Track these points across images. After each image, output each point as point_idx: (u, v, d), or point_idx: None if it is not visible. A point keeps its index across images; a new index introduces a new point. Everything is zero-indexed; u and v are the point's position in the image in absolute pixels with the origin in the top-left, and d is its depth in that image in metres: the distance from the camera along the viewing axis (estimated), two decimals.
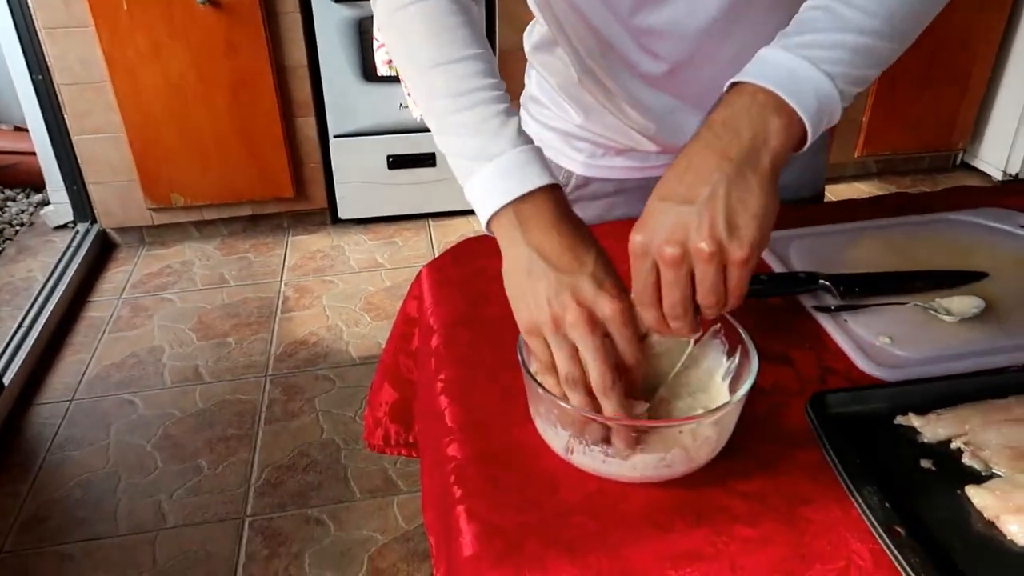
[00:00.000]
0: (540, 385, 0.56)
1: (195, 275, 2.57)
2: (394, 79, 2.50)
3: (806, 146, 0.56)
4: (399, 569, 1.52)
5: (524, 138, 0.61)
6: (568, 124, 0.92)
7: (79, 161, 2.57)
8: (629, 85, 0.83)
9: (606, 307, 0.55)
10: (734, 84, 0.57)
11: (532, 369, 0.58)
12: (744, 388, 0.55)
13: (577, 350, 0.55)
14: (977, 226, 0.89)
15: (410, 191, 2.74)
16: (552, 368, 0.56)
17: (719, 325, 0.63)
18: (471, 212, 2.85)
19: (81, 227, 2.71)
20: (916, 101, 2.86)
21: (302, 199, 2.73)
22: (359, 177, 2.71)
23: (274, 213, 2.77)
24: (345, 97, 2.58)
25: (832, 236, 0.88)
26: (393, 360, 0.92)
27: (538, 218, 0.58)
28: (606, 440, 0.55)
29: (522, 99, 1.00)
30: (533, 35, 0.91)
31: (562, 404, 0.55)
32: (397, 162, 2.69)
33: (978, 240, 0.86)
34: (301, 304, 2.39)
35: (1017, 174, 2.87)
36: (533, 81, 0.96)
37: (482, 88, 0.62)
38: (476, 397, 0.67)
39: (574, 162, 0.94)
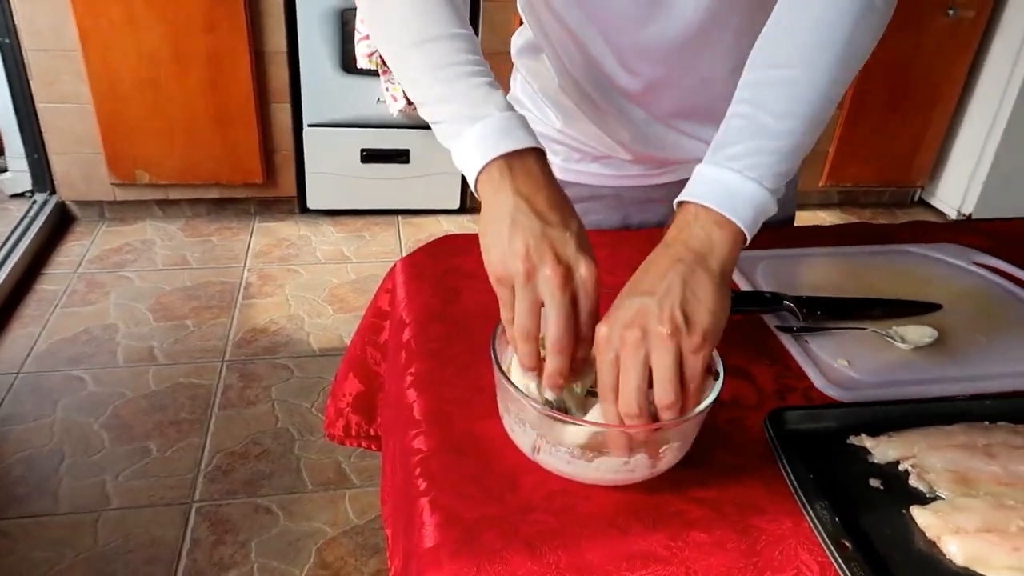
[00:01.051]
0: (511, 383, 0.57)
1: (156, 255, 2.52)
2: (373, 72, 2.49)
3: (747, 244, 0.61)
4: (347, 563, 1.51)
5: (511, 106, 0.63)
6: (547, 128, 0.93)
7: (42, 130, 2.51)
8: (608, 96, 0.86)
9: (583, 268, 0.56)
10: (681, 203, 0.62)
11: (504, 366, 0.59)
12: (709, 400, 0.57)
13: (540, 306, 0.56)
14: (935, 260, 0.93)
15: (382, 186, 2.73)
16: (511, 320, 0.57)
17: None
18: (442, 211, 2.87)
19: (39, 197, 2.65)
20: (880, 137, 2.94)
21: (271, 186, 2.70)
22: (331, 168, 2.70)
23: (242, 198, 2.74)
24: (322, 87, 2.56)
25: (798, 260, 0.91)
26: (360, 352, 0.92)
27: (527, 173, 0.60)
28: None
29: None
30: (520, 40, 0.93)
31: (532, 405, 0.56)
32: (371, 156, 2.68)
33: (935, 274, 0.90)
34: (264, 292, 2.36)
35: (971, 214, 2.97)
36: (517, 84, 0.97)
37: (468, 63, 0.64)
38: (445, 391, 0.68)
39: (551, 165, 0.95)
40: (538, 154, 0.61)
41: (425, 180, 2.75)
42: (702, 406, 0.57)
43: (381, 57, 2.41)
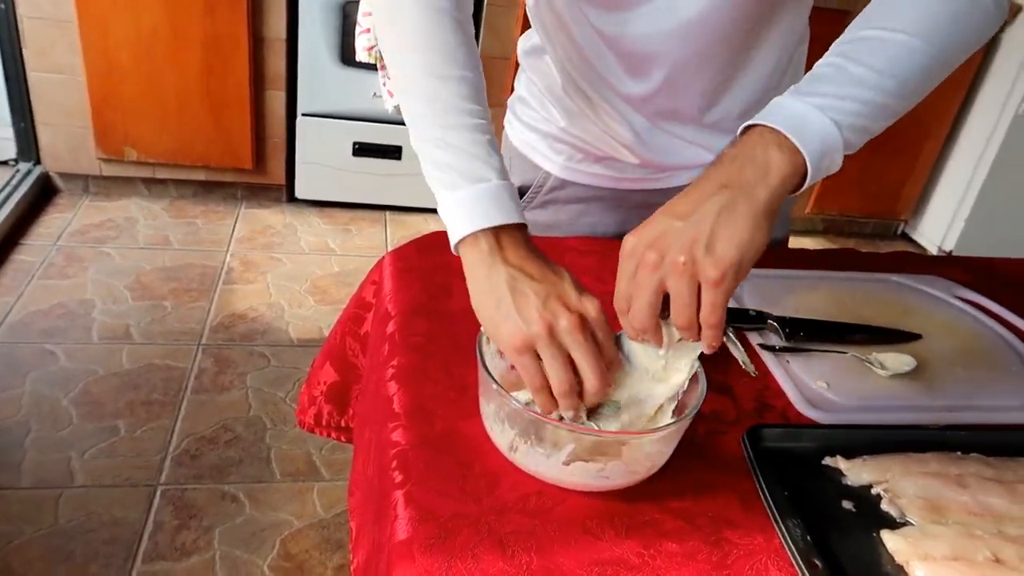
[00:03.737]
0: (495, 380, 0.57)
1: (138, 233, 2.49)
2: (371, 67, 2.48)
3: (804, 187, 0.59)
4: (311, 556, 1.50)
5: (506, 172, 0.65)
6: (551, 126, 0.94)
7: (31, 99, 2.47)
8: (610, 101, 0.86)
9: (592, 308, 0.58)
10: (746, 127, 0.60)
11: (488, 364, 0.59)
12: (690, 411, 0.57)
13: (568, 358, 0.56)
14: (918, 291, 0.94)
15: (371, 181, 2.72)
16: (545, 386, 0.57)
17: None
18: (430, 210, 2.86)
19: (23, 166, 2.61)
20: (868, 169, 2.98)
21: (260, 172, 2.68)
22: (322, 159, 2.68)
23: (229, 182, 2.71)
24: (319, 77, 2.55)
25: (784, 280, 0.92)
26: (340, 342, 0.92)
27: (515, 246, 0.62)
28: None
29: (510, 100, 1.02)
30: (527, 43, 0.94)
31: (514, 403, 0.56)
32: (362, 150, 2.67)
33: (917, 304, 0.91)
34: (245, 278, 2.34)
35: (951, 251, 3.01)
36: (523, 83, 0.98)
37: (474, 113, 0.64)
38: (426, 387, 0.67)
39: (553, 164, 0.96)
40: (523, 228, 0.63)
41: (415, 178, 2.74)
42: (684, 417, 0.57)
43: (381, 52, 2.40)
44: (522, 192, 1.01)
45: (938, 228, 3.07)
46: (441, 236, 0.93)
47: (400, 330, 0.75)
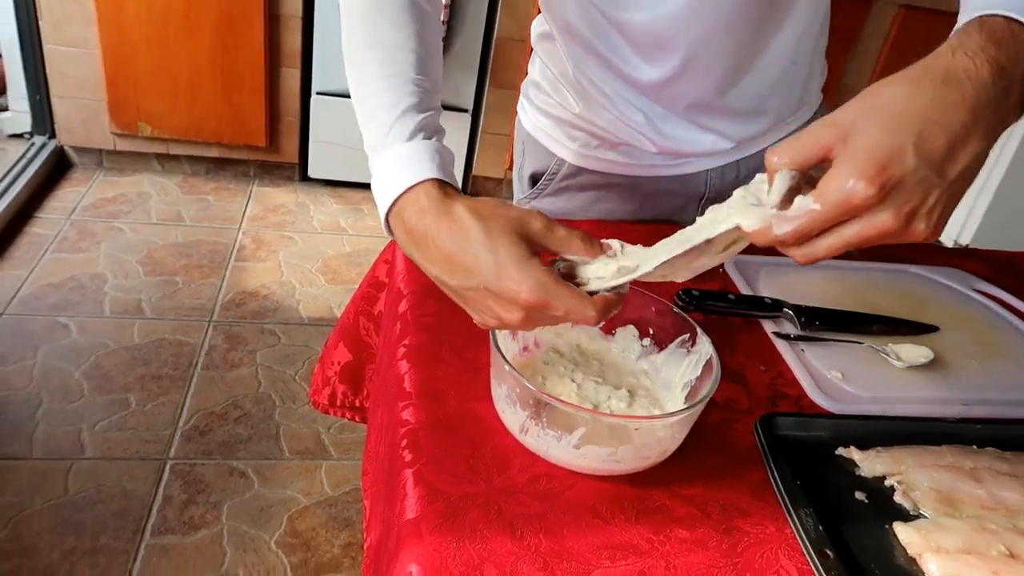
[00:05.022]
0: (507, 362, 0.56)
1: (151, 208, 2.50)
2: None
3: None
4: (318, 534, 1.50)
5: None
6: (566, 112, 0.92)
7: (47, 72, 2.48)
8: (624, 89, 0.85)
9: (526, 290, 0.53)
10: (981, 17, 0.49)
11: (501, 345, 0.58)
12: (703, 396, 0.57)
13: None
14: (935, 283, 0.93)
15: None
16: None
17: (688, 335, 0.64)
18: None
19: (38, 140, 2.61)
20: None
21: (274, 151, 2.68)
22: (335, 138, 2.67)
23: (242, 160, 2.71)
24: (335, 55, 2.54)
25: (800, 269, 0.90)
26: (353, 321, 0.91)
27: (418, 213, 0.59)
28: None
29: (523, 85, 1.01)
30: (540, 27, 0.92)
31: (526, 384, 0.55)
32: None
33: (934, 296, 0.90)
34: (257, 255, 2.34)
35: (967, 245, 2.98)
36: (536, 68, 0.96)
37: (410, 81, 0.63)
38: (438, 367, 0.67)
39: (567, 150, 0.95)
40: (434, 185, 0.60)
41: None
42: (696, 402, 0.56)
43: None
44: (536, 179, 1.00)
45: (954, 222, 3.04)
46: None
47: (412, 309, 0.74)
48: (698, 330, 0.63)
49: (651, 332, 0.67)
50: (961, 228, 3.01)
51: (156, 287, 2.13)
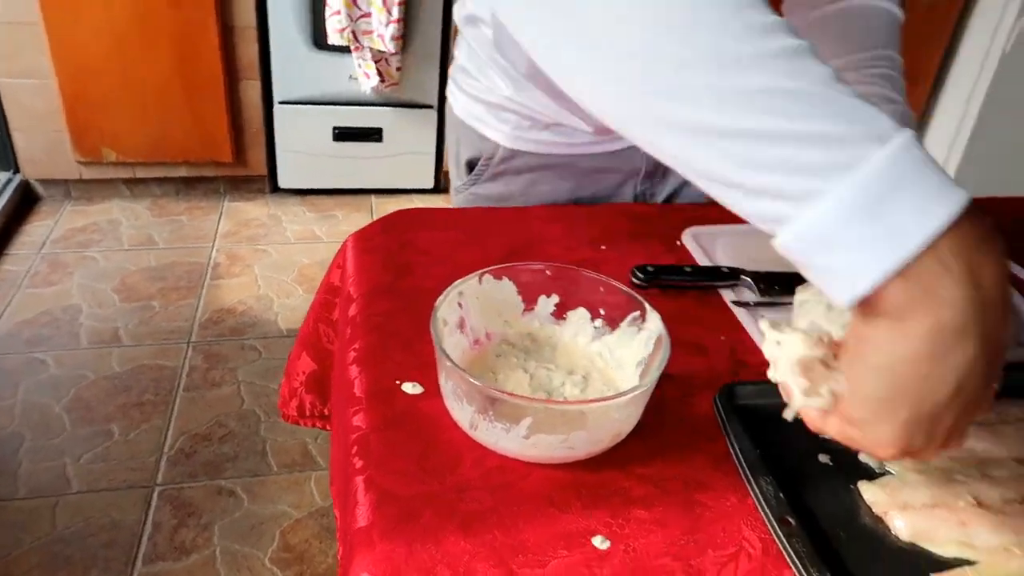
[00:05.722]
0: (448, 358, 0.55)
1: (122, 235, 2.47)
2: (345, 49, 2.45)
3: None
4: (311, 545, 1.49)
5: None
6: (496, 96, 0.91)
7: (3, 106, 2.44)
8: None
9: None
10: None
11: (444, 341, 0.57)
12: (652, 376, 0.55)
13: None
14: None
15: (354, 165, 2.69)
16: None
17: (638, 312, 0.63)
18: (415, 191, 2.84)
19: (2, 176, 2.58)
20: None
21: (241, 164, 2.65)
22: (302, 147, 2.65)
23: (210, 177, 2.69)
24: (293, 63, 2.52)
25: (757, 235, 0.89)
26: (313, 329, 0.90)
27: (987, 238, 0.34)
28: None
29: (451, 71, 0.99)
30: (463, 8, 0.90)
31: (470, 380, 0.54)
32: (343, 134, 2.64)
33: None
34: (232, 272, 2.32)
35: None
36: (463, 52, 0.94)
37: (788, 23, 0.37)
38: (388, 367, 0.65)
39: (500, 134, 0.93)
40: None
41: (398, 159, 2.72)
42: (645, 382, 0.55)
43: (353, 32, 2.36)
44: (472, 165, 0.99)
45: None
46: (406, 214, 0.91)
47: (361, 312, 0.73)
48: (647, 306, 0.62)
49: (602, 313, 0.66)
50: None
51: (132, 313, 2.11)
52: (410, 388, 0.63)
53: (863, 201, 0.32)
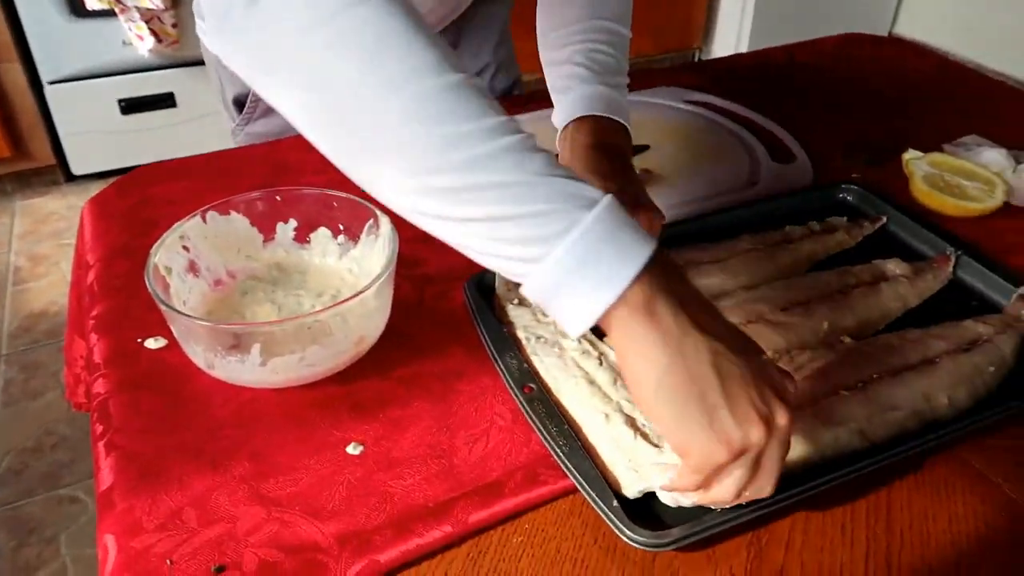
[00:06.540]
0: (163, 302, 0.52)
1: None
2: (109, 13, 2.24)
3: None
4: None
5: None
6: None
7: None
8: None
9: (790, 389, 0.44)
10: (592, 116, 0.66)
11: (156, 288, 0.54)
12: (374, 282, 0.54)
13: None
14: (646, 104, 0.95)
15: (151, 136, 2.51)
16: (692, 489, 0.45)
17: (372, 220, 0.62)
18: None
19: None
20: (652, 7, 3.01)
21: (24, 157, 2.41)
22: (89, 126, 2.43)
23: None
24: (54, 37, 2.28)
25: None
26: (76, 309, 0.84)
27: (689, 287, 0.43)
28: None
29: (193, 5, 0.93)
30: None
31: (186, 317, 0.52)
32: (131, 106, 2.44)
33: (645, 117, 0.92)
34: (36, 274, 2.14)
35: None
36: None
37: (509, 121, 0.42)
38: (128, 329, 0.62)
39: None
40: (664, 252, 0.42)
41: (199, 122, 2.55)
42: (370, 286, 0.54)
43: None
44: (240, 103, 0.94)
45: (728, 47, 3.17)
46: (146, 170, 0.86)
47: (99, 278, 0.68)
48: (376, 212, 0.61)
49: (341, 228, 0.65)
50: (735, 48, 3.14)
51: None
52: (153, 343, 0.61)
53: (580, 255, 0.39)
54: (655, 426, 0.44)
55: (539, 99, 0.95)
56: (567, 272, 0.40)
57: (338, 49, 0.40)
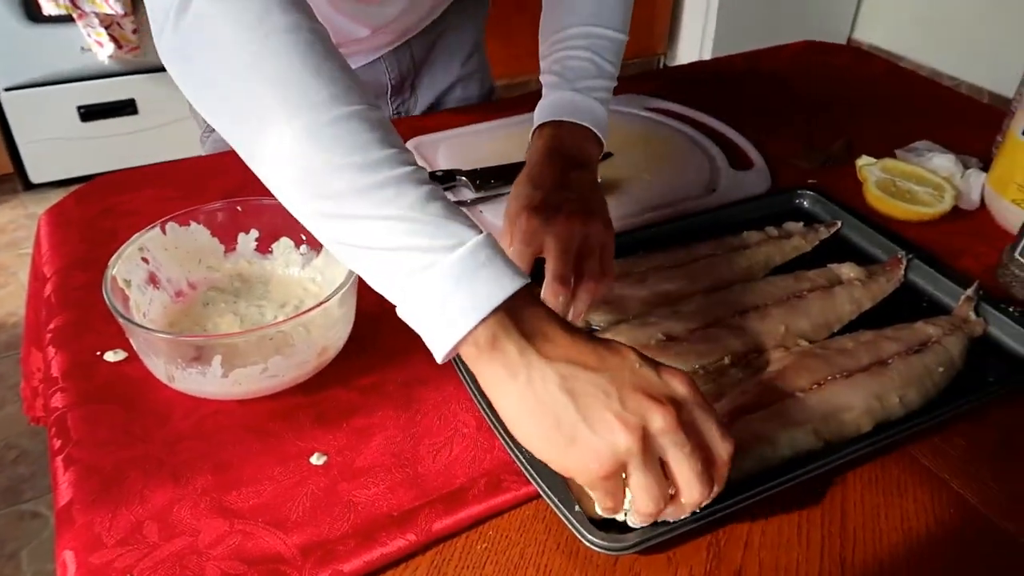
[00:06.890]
0: (120, 315, 0.52)
1: None
2: (66, 18, 2.20)
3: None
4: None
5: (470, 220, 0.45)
6: None
7: None
8: None
9: (679, 386, 0.44)
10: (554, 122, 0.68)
11: (115, 304, 0.54)
12: (335, 292, 0.55)
13: (661, 463, 0.43)
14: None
15: (112, 144, 2.47)
16: (621, 507, 0.45)
17: None
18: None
19: None
20: None
21: None
22: (48, 134, 2.39)
23: None
24: (10, 43, 2.23)
25: (477, 135, 0.91)
26: (34, 322, 0.83)
27: (541, 320, 0.44)
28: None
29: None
30: None
31: (159, 334, 0.52)
32: (91, 113, 2.40)
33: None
34: None
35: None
36: None
37: (397, 153, 0.44)
38: (88, 340, 0.62)
39: None
40: (527, 284, 0.43)
41: (161, 130, 2.52)
42: (332, 295, 0.54)
43: None
44: None
45: (692, 52, 3.21)
46: (107, 179, 0.85)
47: (57, 290, 0.68)
48: None
49: (303, 238, 0.65)
50: (699, 54, 3.18)
51: None
52: (112, 356, 0.60)
53: (432, 296, 0.42)
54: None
55: (513, 107, 0.97)
56: (424, 309, 0.42)
57: (249, 75, 0.44)
